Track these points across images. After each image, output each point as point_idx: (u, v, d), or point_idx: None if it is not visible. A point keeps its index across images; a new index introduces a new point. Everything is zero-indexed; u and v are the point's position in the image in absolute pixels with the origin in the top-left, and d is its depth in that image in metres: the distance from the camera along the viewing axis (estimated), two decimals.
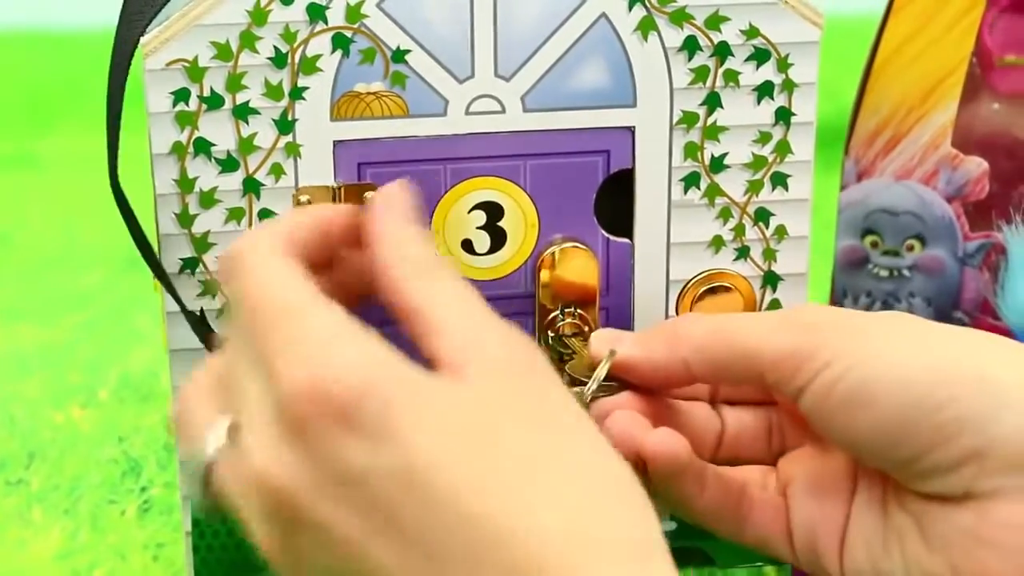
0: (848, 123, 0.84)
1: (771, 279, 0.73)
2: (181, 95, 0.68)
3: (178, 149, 0.68)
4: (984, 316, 0.85)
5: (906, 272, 0.85)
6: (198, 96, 0.68)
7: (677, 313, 0.73)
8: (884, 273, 0.85)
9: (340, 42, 0.68)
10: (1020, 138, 0.85)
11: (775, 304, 0.73)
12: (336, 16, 0.67)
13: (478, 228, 0.71)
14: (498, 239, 0.71)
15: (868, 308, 0.86)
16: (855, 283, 0.86)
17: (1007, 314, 0.81)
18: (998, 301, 0.83)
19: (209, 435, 0.55)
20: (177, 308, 0.70)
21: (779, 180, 0.72)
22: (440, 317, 0.55)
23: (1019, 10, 0.83)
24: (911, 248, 0.85)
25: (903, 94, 0.82)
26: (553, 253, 0.71)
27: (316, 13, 0.67)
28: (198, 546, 0.73)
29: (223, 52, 0.67)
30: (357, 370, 0.52)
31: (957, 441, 0.58)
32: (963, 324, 0.85)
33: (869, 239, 0.85)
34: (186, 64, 0.67)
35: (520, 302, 0.71)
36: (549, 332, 0.71)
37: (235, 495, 0.54)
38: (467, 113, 0.69)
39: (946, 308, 0.85)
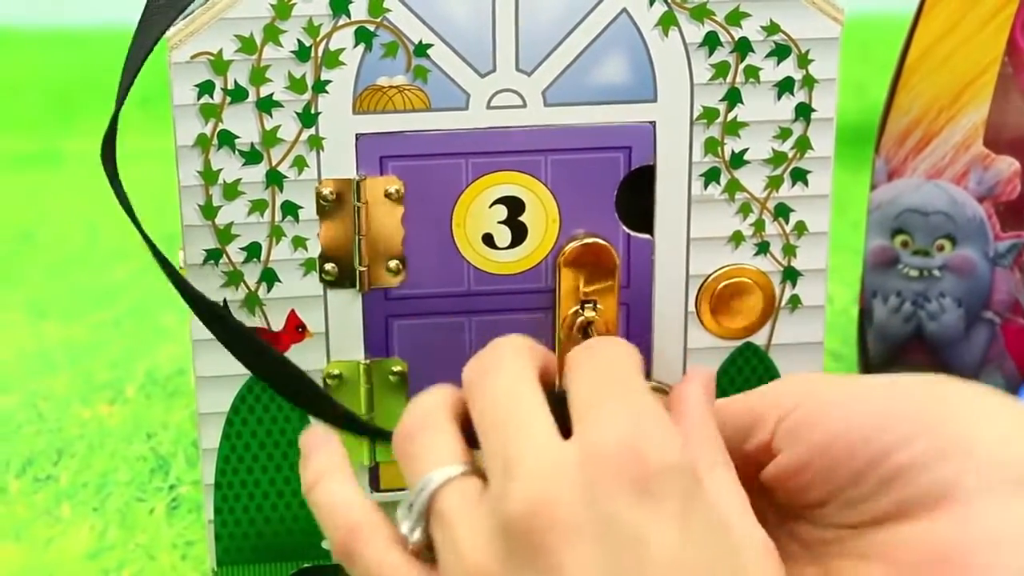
0: (878, 122, 0.84)
1: (791, 275, 0.73)
2: (206, 88, 0.68)
3: (202, 141, 0.69)
4: (1015, 317, 0.84)
5: (936, 272, 0.84)
6: (222, 89, 0.68)
7: (696, 308, 0.73)
8: (914, 273, 0.85)
9: (363, 36, 0.68)
10: None
11: (795, 300, 0.73)
12: (359, 10, 0.68)
13: (499, 222, 0.71)
14: (519, 234, 0.71)
15: (898, 308, 0.85)
16: (885, 283, 0.85)
17: None
18: None
19: (442, 464, 0.56)
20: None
21: (799, 176, 0.71)
22: None
23: None
24: (941, 248, 0.84)
25: (934, 94, 0.82)
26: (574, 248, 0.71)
27: (339, 7, 0.68)
28: (220, 535, 0.74)
29: (247, 45, 0.68)
30: (675, 448, 0.53)
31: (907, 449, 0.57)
32: (993, 324, 0.85)
33: (899, 239, 0.85)
34: (211, 57, 0.68)
35: (541, 297, 0.72)
36: (570, 327, 0.71)
37: (462, 514, 0.54)
38: (488, 107, 0.69)
39: (976, 308, 0.85)
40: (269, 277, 0.71)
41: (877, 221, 0.85)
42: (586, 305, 0.71)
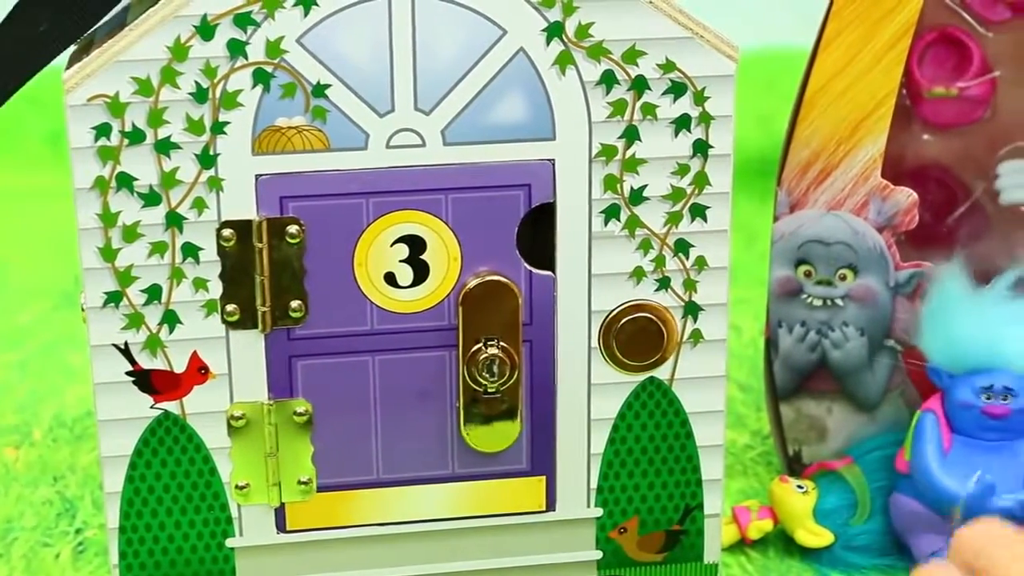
0: (780, 155, 0.84)
1: (692, 309, 0.73)
2: (103, 130, 0.68)
3: (100, 184, 0.69)
4: (915, 345, 0.85)
5: (839, 301, 0.85)
6: (120, 131, 0.68)
7: (600, 344, 0.73)
8: (818, 303, 0.85)
9: (261, 77, 0.68)
10: (950, 168, 0.86)
11: (697, 334, 0.74)
12: (256, 51, 0.68)
13: (401, 261, 0.71)
14: (421, 272, 0.71)
15: (803, 337, 0.86)
16: (789, 313, 0.86)
17: (925, 344, 0.81)
18: (920, 330, 0.82)
19: None
20: (102, 341, 0.70)
21: (698, 212, 0.72)
22: None
23: (946, 43, 0.85)
24: (844, 278, 0.85)
25: (833, 126, 0.83)
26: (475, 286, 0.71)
27: (236, 48, 0.68)
28: None
29: (144, 88, 0.68)
30: None
31: None
32: (895, 352, 0.85)
33: (802, 269, 0.85)
34: (107, 99, 0.68)
35: (444, 335, 0.72)
36: (471, 366, 0.71)
37: None
38: (388, 147, 0.70)
39: (879, 337, 0.85)
40: (170, 319, 0.70)
41: (780, 252, 0.85)
42: (489, 342, 0.71)
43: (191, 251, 0.70)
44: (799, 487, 0.83)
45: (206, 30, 0.67)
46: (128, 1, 0.72)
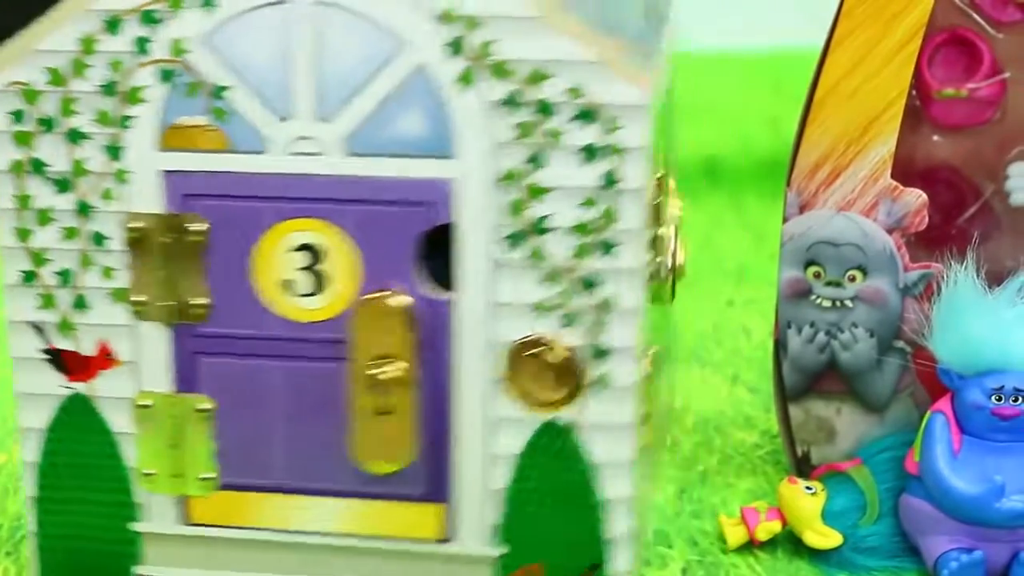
0: (790, 156, 0.82)
1: (599, 351, 0.68)
2: (18, 116, 0.68)
3: (16, 167, 0.69)
4: (925, 346, 0.80)
5: (848, 303, 0.83)
6: (34, 118, 0.68)
7: (501, 377, 0.69)
8: (827, 304, 0.83)
9: (165, 75, 0.67)
10: (960, 170, 0.83)
11: (603, 379, 0.69)
12: (161, 49, 0.66)
13: (300, 269, 0.69)
14: (320, 282, 0.69)
15: (812, 338, 0.84)
16: (798, 314, 0.84)
17: (936, 345, 0.78)
18: (930, 332, 0.79)
19: None
20: (19, 317, 0.71)
21: (607, 248, 0.67)
22: None
23: (957, 44, 0.81)
24: (853, 279, 0.83)
25: (843, 128, 0.81)
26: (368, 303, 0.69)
27: (142, 45, 0.66)
28: (44, 547, 0.75)
29: (56, 78, 0.67)
30: None
31: None
32: (905, 354, 0.83)
33: (812, 270, 0.83)
34: (23, 87, 0.68)
35: (340, 347, 0.70)
36: (364, 383, 0.69)
37: None
38: (288, 152, 0.67)
39: (888, 338, 0.83)
40: (81, 303, 0.71)
41: (790, 253, 0.83)
42: (384, 360, 0.69)
43: (99, 240, 0.70)
44: (808, 488, 0.81)
45: (113, 25, 0.67)
46: None
